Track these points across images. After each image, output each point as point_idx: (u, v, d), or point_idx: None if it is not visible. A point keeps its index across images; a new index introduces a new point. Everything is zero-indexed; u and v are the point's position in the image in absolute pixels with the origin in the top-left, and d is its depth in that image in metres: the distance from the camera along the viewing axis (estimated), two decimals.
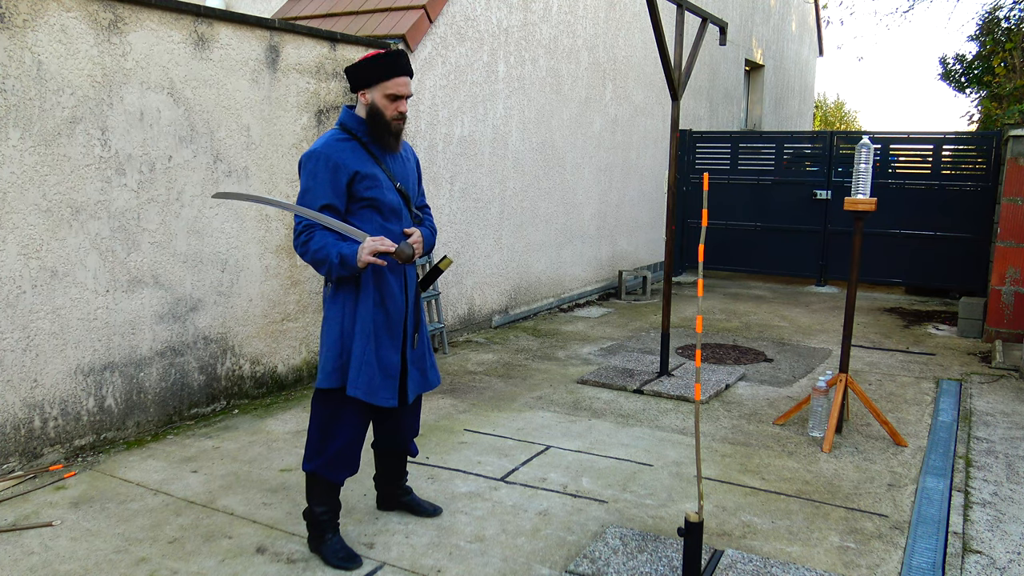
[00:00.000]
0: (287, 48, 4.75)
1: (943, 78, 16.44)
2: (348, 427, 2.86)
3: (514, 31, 6.82)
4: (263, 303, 4.76)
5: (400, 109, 2.79)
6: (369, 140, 2.82)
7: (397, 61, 2.76)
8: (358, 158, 2.78)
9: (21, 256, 3.57)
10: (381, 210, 2.80)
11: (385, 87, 2.75)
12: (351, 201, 2.78)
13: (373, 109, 2.78)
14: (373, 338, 2.80)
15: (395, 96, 2.76)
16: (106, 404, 3.98)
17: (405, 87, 2.78)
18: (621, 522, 3.24)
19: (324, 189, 2.73)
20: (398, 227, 2.86)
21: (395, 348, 2.86)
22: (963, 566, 2.96)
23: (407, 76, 2.78)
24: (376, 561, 2.91)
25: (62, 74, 3.65)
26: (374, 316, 2.81)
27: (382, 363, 2.82)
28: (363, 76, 2.76)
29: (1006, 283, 6.58)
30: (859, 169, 4.09)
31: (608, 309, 8.13)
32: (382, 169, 2.83)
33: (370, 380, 2.79)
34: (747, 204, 9.65)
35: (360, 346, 2.78)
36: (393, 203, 2.83)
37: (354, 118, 2.84)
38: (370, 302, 2.80)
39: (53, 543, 3.01)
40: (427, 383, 3.05)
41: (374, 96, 2.77)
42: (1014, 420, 4.66)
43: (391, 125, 2.80)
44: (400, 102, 2.78)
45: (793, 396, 5.07)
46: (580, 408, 4.75)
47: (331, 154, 2.74)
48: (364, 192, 2.77)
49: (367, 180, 2.77)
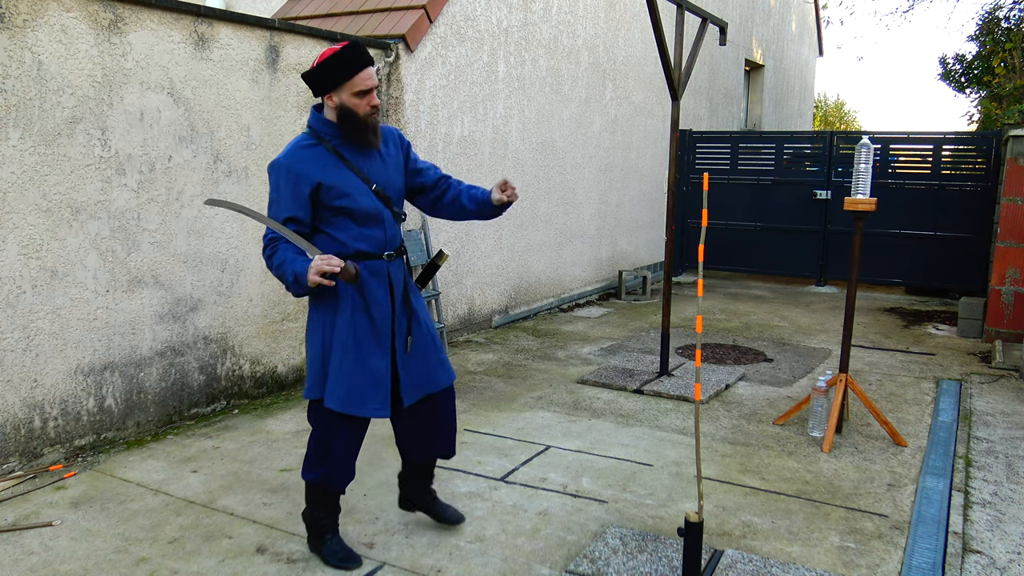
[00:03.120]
0: (287, 48, 4.75)
1: (943, 78, 16.44)
2: (343, 438, 2.77)
3: (514, 31, 6.82)
4: (263, 303, 4.76)
5: (372, 103, 2.65)
6: (340, 143, 2.69)
7: (356, 55, 2.61)
8: (323, 166, 2.64)
9: (21, 256, 3.57)
10: (356, 217, 2.68)
11: (352, 85, 2.60)
12: (322, 210, 2.66)
13: (344, 111, 2.63)
14: (353, 347, 2.68)
15: (364, 91, 2.62)
16: (106, 404, 3.98)
17: (371, 79, 2.63)
18: (621, 522, 3.24)
19: (287, 201, 2.61)
20: (379, 232, 2.73)
21: (383, 354, 2.73)
22: (963, 566, 2.96)
23: (369, 66, 2.64)
24: (376, 561, 2.91)
25: (62, 74, 3.65)
26: (355, 323, 2.69)
27: (368, 371, 2.70)
28: (324, 79, 2.62)
29: (1006, 283, 6.58)
30: (859, 169, 4.09)
31: (608, 309, 8.13)
32: (354, 173, 2.69)
33: (349, 391, 2.67)
34: (747, 204, 9.65)
35: (338, 357, 2.68)
36: (369, 208, 2.69)
37: (322, 121, 2.70)
38: (349, 310, 2.69)
39: (53, 543, 3.01)
40: (433, 383, 2.86)
41: (341, 97, 2.62)
42: (1014, 420, 4.66)
43: (367, 122, 2.66)
44: (370, 95, 2.64)
45: (793, 396, 5.07)
46: (580, 408, 4.75)
47: (292, 164, 2.62)
48: (334, 201, 2.64)
49: (334, 189, 2.63)
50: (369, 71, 2.63)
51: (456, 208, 2.96)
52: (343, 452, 2.80)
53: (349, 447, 2.81)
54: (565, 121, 7.77)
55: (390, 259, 2.78)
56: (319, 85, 2.64)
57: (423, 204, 3.02)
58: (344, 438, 2.78)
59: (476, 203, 2.92)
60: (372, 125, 2.69)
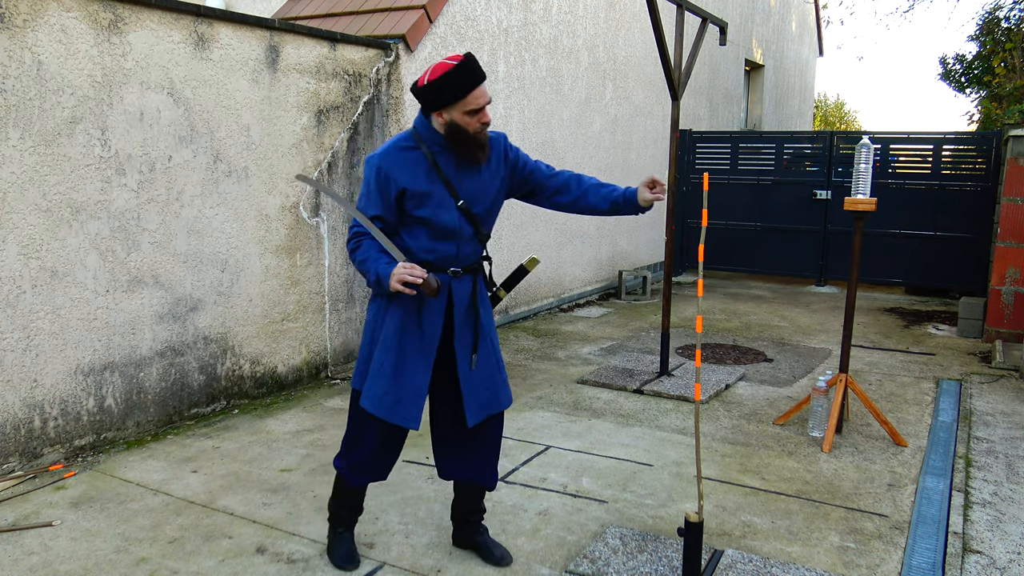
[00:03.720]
0: (287, 48, 4.75)
1: (943, 78, 16.45)
2: (371, 436, 2.72)
3: (514, 31, 6.82)
4: (263, 303, 4.76)
5: (484, 120, 2.52)
6: (440, 151, 2.58)
7: (470, 72, 2.46)
8: (415, 173, 2.56)
9: (21, 256, 3.57)
10: (432, 229, 2.59)
11: (464, 104, 2.47)
12: (402, 215, 2.60)
13: (453, 128, 2.52)
14: (396, 351, 2.63)
15: (476, 110, 2.49)
16: (106, 404, 3.98)
17: (484, 96, 2.49)
18: (621, 522, 3.24)
19: (375, 199, 2.57)
20: (451, 248, 2.63)
21: (425, 365, 2.65)
22: (963, 566, 2.96)
23: (483, 82, 2.50)
24: (376, 561, 2.91)
25: (62, 74, 3.65)
26: (403, 327, 2.63)
27: (405, 379, 2.63)
28: (435, 98, 2.49)
29: (1006, 283, 6.58)
30: (859, 169, 4.09)
31: (608, 309, 8.13)
32: (444, 185, 2.58)
33: (384, 395, 2.62)
34: (747, 204, 9.65)
35: (379, 357, 2.63)
36: (447, 224, 2.59)
37: (428, 128, 2.58)
38: (400, 314, 2.62)
39: (53, 543, 3.01)
40: (496, 403, 2.76)
41: (452, 115, 2.50)
42: (1014, 420, 4.66)
43: (476, 139, 2.55)
44: (482, 112, 2.51)
45: (793, 396, 5.07)
46: (580, 408, 4.75)
47: (383, 165, 2.56)
48: (414, 211, 2.57)
49: (416, 199, 2.55)
50: (482, 88, 2.50)
51: (582, 208, 2.83)
52: (369, 450, 2.75)
53: (377, 447, 2.75)
54: (565, 121, 7.77)
55: (455, 276, 2.67)
56: (430, 102, 2.51)
57: (540, 204, 2.89)
58: (372, 437, 2.73)
59: (610, 203, 2.79)
60: (481, 142, 2.58)
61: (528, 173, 2.80)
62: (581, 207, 2.83)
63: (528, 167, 2.80)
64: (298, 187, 4.90)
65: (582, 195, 2.81)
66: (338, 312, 5.32)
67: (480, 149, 2.58)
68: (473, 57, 2.49)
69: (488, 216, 2.73)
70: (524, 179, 2.81)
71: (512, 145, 2.79)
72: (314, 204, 5.04)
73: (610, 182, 2.83)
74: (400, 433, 2.77)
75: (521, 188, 2.83)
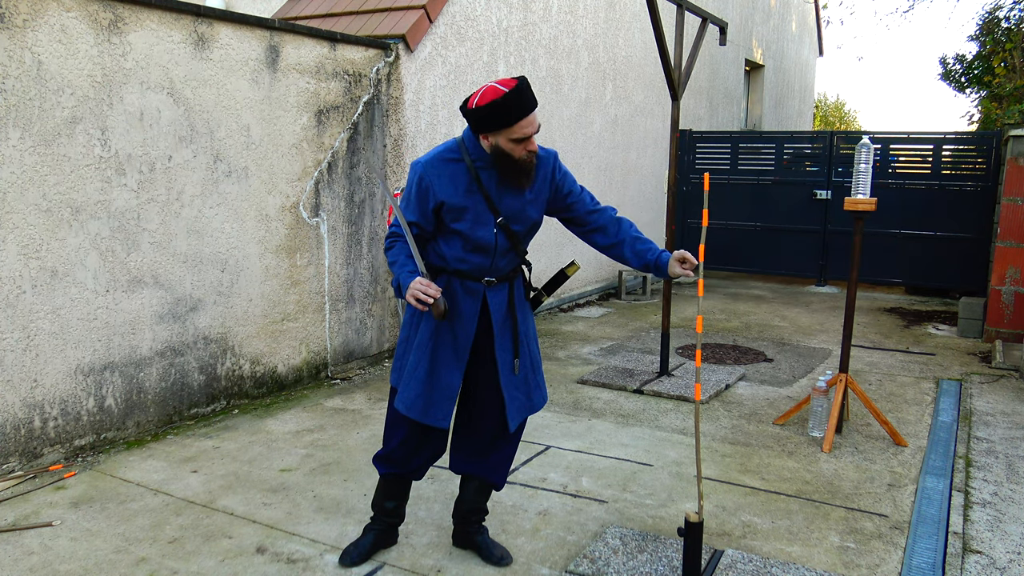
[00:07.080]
0: (287, 48, 4.75)
1: (943, 78, 16.44)
2: (402, 434, 2.77)
3: (514, 31, 6.82)
4: (263, 303, 4.76)
5: (530, 149, 2.50)
6: (484, 166, 2.56)
7: (520, 101, 2.41)
8: (455, 186, 2.55)
9: (21, 256, 3.57)
10: (467, 242, 2.61)
11: (511, 132, 2.45)
12: (440, 224, 2.62)
13: (499, 151, 2.50)
14: (429, 355, 2.67)
15: (522, 138, 2.47)
16: (106, 404, 3.98)
17: (532, 126, 2.46)
18: (621, 522, 3.24)
19: (414, 206, 2.60)
20: (485, 261, 2.64)
21: (457, 368, 2.69)
22: (963, 566, 2.96)
23: (533, 110, 2.45)
24: (376, 561, 2.91)
25: (62, 74, 3.65)
26: (438, 333, 2.67)
27: (439, 383, 2.67)
28: (482, 123, 2.47)
29: (1006, 283, 6.58)
30: (859, 169, 4.09)
31: (608, 309, 8.13)
32: (484, 200, 2.57)
33: (416, 397, 2.66)
34: (747, 204, 9.65)
35: (414, 359, 2.68)
36: (481, 240, 2.60)
37: (474, 143, 2.55)
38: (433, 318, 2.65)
39: (53, 543, 3.01)
40: (531, 406, 2.81)
41: (498, 140, 2.48)
42: (1014, 420, 4.66)
43: (521, 166, 2.52)
44: (529, 141, 2.48)
45: (793, 396, 5.07)
46: (580, 408, 4.75)
47: (426, 174, 2.56)
48: (450, 223, 2.58)
49: (454, 212, 2.56)
50: (531, 117, 2.46)
51: (614, 257, 2.82)
52: (399, 445, 2.79)
53: (409, 444, 2.79)
54: (565, 121, 7.77)
55: (489, 285, 2.69)
56: (478, 125, 2.49)
57: (575, 233, 2.88)
58: (403, 435, 2.78)
59: (642, 263, 2.76)
60: (527, 169, 2.55)
61: (570, 203, 2.78)
62: (613, 255, 2.83)
63: (572, 196, 2.77)
64: (298, 187, 4.90)
65: (618, 244, 2.79)
66: (338, 312, 5.32)
67: (524, 176, 2.55)
68: (527, 83, 2.45)
69: (527, 234, 2.73)
70: (565, 206, 2.79)
71: (562, 166, 2.76)
72: (314, 204, 5.04)
73: (648, 239, 2.80)
74: (434, 432, 2.80)
75: (559, 213, 2.82)
